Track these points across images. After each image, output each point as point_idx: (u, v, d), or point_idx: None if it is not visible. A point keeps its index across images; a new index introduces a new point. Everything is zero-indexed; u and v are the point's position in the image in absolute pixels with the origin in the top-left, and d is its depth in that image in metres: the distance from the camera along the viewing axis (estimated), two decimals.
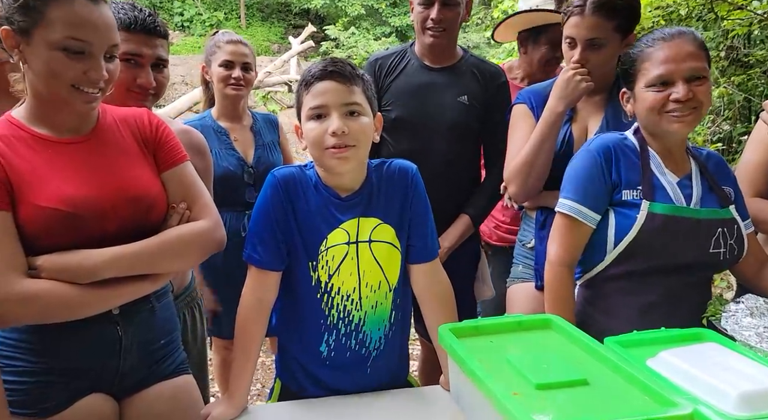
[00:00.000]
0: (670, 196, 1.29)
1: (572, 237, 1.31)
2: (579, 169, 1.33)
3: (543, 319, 1.20)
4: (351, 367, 1.24)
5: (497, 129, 1.83)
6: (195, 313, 1.52)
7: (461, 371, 1.06)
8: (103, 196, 1.05)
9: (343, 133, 1.12)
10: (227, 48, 1.99)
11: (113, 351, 1.10)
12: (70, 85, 1.01)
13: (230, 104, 2.05)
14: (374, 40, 12.62)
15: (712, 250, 1.27)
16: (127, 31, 1.28)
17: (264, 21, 14.59)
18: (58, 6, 0.98)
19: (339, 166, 1.16)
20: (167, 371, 1.19)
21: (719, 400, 0.90)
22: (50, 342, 1.06)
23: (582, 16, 1.47)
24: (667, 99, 1.25)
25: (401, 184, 1.24)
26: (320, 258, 1.19)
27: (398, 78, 1.86)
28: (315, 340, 1.22)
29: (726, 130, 3.82)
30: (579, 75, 1.49)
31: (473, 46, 10.04)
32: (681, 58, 1.24)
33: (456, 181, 1.87)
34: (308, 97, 1.16)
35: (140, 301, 1.11)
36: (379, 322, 1.24)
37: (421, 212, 1.26)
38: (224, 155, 1.98)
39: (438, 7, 1.76)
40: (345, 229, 1.19)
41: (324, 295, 1.20)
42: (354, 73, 1.17)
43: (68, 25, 0.98)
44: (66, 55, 0.99)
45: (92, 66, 1.01)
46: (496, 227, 2.26)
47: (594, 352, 1.05)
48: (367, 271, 1.20)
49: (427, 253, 1.27)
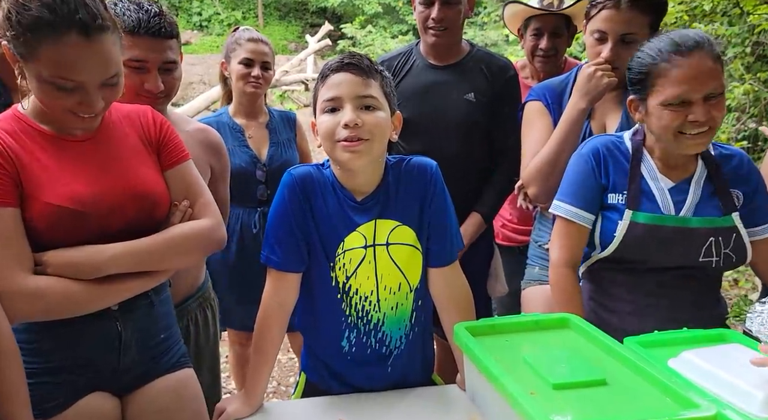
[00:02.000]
0: (657, 203, 1.27)
1: (571, 238, 1.32)
2: (571, 172, 1.35)
3: (560, 318, 1.19)
4: (372, 364, 1.23)
5: (506, 124, 1.83)
6: (207, 313, 1.52)
7: (478, 370, 1.05)
8: (110, 194, 1.05)
9: (356, 125, 1.09)
10: (248, 46, 1.99)
11: (113, 347, 1.10)
12: (66, 110, 1.00)
13: (247, 101, 2.05)
14: (391, 38, 12.60)
15: (702, 259, 1.24)
16: (131, 36, 1.23)
17: (281, 20, 14.66)
18: (48, 46, 0.93)
19: (351, 160, 1.11)
20: (167, 365, 1.19)
21: (744, 402, 0.88)
22: (51, 341, 1.06)
23: (617, 9, 1.42)
24: (684, 119, 1.21)
25: (420, 183, 1.20)
26: (337, 260, 1.17)
27: (405, 79, 1.85)
28: (336, 336, 1.21)
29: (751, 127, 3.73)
30: (601, 70, 1.45)
31: (491, 43, 9.97)
32: (701, 79, 1.19)
33: (466, 178, 1.86)
34: (323, 89, 1.14)
35: (139, 297, 1.11)
36: (400, 323, 1.22)
37: (441, 213, 1.21)
38: (237, 152, 1.98)
39: (438, 6, 1.74)
40: (362, 233, 1.17)
41: (343, 296, 1.19)
42: (372, 67, 1.14)
43: (57, 66, 0.94)
44: (56, 88, 0.97)
45: (84, 99, 0.99)
46: (503, 226, 2.25)
47: (613, 352, 1.03)
48: (386, 275, 1.18)
49: (445, 257, 1.23)
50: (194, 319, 1.47)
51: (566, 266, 1.32)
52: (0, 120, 1.04)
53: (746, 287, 3.46)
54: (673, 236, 1.24)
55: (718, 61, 1.22)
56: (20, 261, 0.98)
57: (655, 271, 1.27)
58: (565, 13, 2.07)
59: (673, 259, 1.25)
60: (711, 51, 1.22)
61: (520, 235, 2.24)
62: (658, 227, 1.24)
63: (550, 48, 2.08)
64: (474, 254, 1.87)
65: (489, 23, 10.20)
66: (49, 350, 1.06)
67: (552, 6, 2.07)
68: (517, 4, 2.13)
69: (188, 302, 1.44)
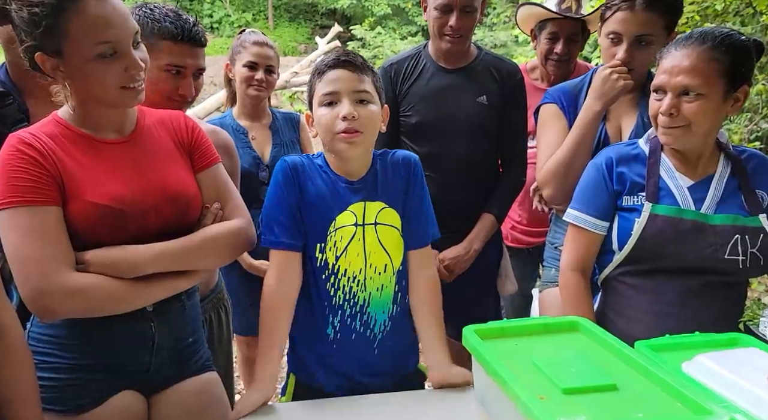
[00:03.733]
0: (676, 199, 1.26)
1: (580, 244, 1.34)
2: (584, 180, 1.37)
3: (570, 321, 1.17)
4: (358, 349, 1.26)
5: (514, 126, 1.85)
6: (221, 314, 1.54)
7: (486, 373, 1.04)
8: (147, 194, 1.08)
9: (353, 118, 1.18)
10: (252, 49, 2.00)
11: (146, 348, 1.12)
12: (120, 88, 1.03)
13: (251, 104, 2.06)
14: (400, 39, 12.60)
15: (728, 257, 1.23)
16: (173, 42, 1.29)
17: (291, 21, 14.71)
18: (73, 16, 0.97)
19: (348, 150, 1.21)
20: (194, 368, 1.21)
21: (758, 408, 0.87)
22: (85, 339, 1.08)
23: (632, 11, 1.42)
24: (658, 109, 1.23)
25: (405, 171, 1.30)
26: (329, 239, 1.22)
27: (416, 82, 1.85)
28: (321, 322, 1.25)
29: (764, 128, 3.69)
30: (617, 73, 1.44)
31: (500, 44, 9.93)
32: (677, 71, 1.20)
33: (477, 180, 1.87)
34: (321, 84, 1.22)
35: (173, 299, 1.14)
36: (384, 305, 1.26)
37: (419, 200, 1.31)
38: (241, 154, 1.99)
39: (457, 14, 1.74)
40: (352, 211, 1.23)
41: (331, 277, 1.23)
42: (365, 64, 1.24)
43: (91, 33, 0.99)
44: (102, 62, 1.00)
45: (129, 63, 1.03)
46: (513, 228, 2.25)
47: (624, 356, 1.02)
48: (372, 253, 1.24)
49: (421, 239, 1.31)
50: (208, 321, 1.49)
51: (575, 270, 1.33)
52: (41, 125, 1.07)
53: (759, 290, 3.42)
54: (693, 231, 1.23)
55: (716, 62, 1.19)
56: (63, 258, 1.00)
57: (677, 274, 1.25)
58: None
59: (693, 256, 1.23)
60: (709, 49, 1.19)
61: (530, 236, 2.24)
62: (677, 220, 1.24)
63: (564, 53, 2.07)
64: (483, 255, 1.88)
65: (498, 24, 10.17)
66: (85, 348, 1.08)
67: (570, 11, 2.06)
68: (533, 6, 2.11)
69: (203, 303, 1.46)
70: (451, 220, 1.82)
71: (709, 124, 1.24)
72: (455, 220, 1.84)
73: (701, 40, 1.21)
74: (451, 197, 1.83)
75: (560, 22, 2.06)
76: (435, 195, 1.45)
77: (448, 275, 1.83)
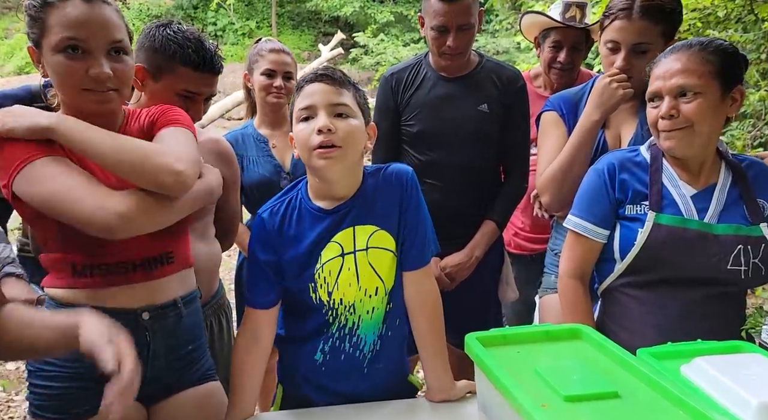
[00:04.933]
0: (679, 208, 1.25)
1: (579, 251, 1.33)
2: (585, 186, 1.35)
3: (572, 328, 1.17)
4: (348, 370, 1.24)
5: (516, 133, 1.86)
6: (222, 320, 1.54)
7: (488, 381, 1.04)
8: None
9: (329, 130, 1.11)
10: (270, 57, 2.00)
11: (141, 356, 1.11)
12: (81, 89, 1.04)
13: (271, 111, 2.07)
14: (403, 46, 12.64)
15: (731, 267, 1.22)
16: (192, 70, 1.32)
17: (294, 29, 14.78)
18: (54, 11, 1.03)
19: (325, 168, 1.13)
20: (194, 378, 1.20)
21: (741, 409, 0.87)
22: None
23: (629, 19, 1.42)
24: (657, 114, 1.22)
25: (398, 188, 1.22)
26: (317, 278, 1.18)
27: (417, 91, 1.86)
28: (310, 349, 1.23)
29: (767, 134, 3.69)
30: (616, 82, 1.45)
31: (503, 50, 9.96)
32: (670, 74, 1.21)
33: (479, 187, 1.88)
34: (298, 99, 1.17)
35: (169, 307, 1.13)
36: (374, 326, 1.23)
37: (415, 218, 1.23)
38: (261, 162, 2.00)
39: (454, 34, 1.74)
40: (337, 242, 1.18)
41: (329, 311, 1.20)
42: (344, 78, 1.18)
43: (63, 26, 1.03)
44: (66, 56, 1.02)
45: (92, 64, 1.03)
46: (515, 235, 2.25)
47: (626, 364, 1.02)
48: (363, 278, 1.20)
49: (418, 261, 1.24)
50: (209, 327, 1.49)
51: (573, 277, 1.33)
52: None
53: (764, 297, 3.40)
54: (697, 241, 1.22)
55: (704, 63, 1.20)
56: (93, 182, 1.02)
57: (679, 286, 1.24)
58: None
59: (697, 267, 1.22)
60: (700, 51, 1.20)
61: (532, 243, 2.23)
62: (682, 230, 1.22)
63: (568, 62, 2.08)
64: (484, 262, 1.88)
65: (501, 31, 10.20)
66: (80, 356, 1.07)
67: (574, 20, 2.07)
68: (537, 14, 2.12)
69: (203, 309, 1.45)
70: (452, 227, 1.82)
71: (710, 125, 1.23)
72: (457, 227, 1.84)
73: (688, 46, 1.23)
74: (452, 204, 1.83)
75: (564, 31, 2.07)
76: (437, 202, 1.46)
77: (450, 282, 1.83)
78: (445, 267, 1.84)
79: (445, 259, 1.85)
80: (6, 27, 12.77)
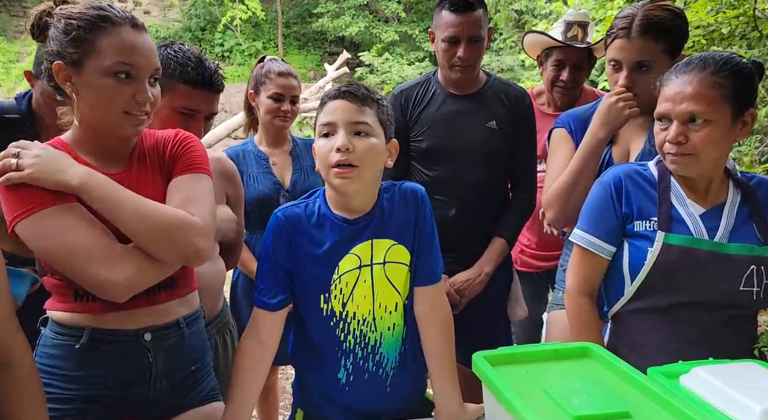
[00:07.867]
0: (689, 228, 1.22)
1: (586, 267, 1.31)
2: (591, 200, 1.33)
3: (581, 347, 1.16)
4: (371, 389, 1.23)
5: (524, 150, 1.87)
6: (227, 339, 1.53)
7: (496, 401, 1.03)
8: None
9: (347, 149, 1.12)
10: (278, 81, 2.00)
11: (144, 378, 1.11)
12: (123, 112, 1.06)
13: (274, 132, 2.08)
14: (408, 64, 12.77)
15: (743, 288, 1.19)
16: (191, 87, 1.33)
17: (300, 49, 14.98)
18: (107, 35, 1.04)
19: (343, 185, 1.14)
20: (197, 398, 1.19)
21: (745, 417, 0.86)
22: (83, 369, 1.07)
23: (628, 38, 1.42)
24: (665, 138, 1.21)
25: (413, 204, 1.24)
26: (332, 288, 1.18)
27: (426, 108, 1.87)
28: (333, 367, 1.21)
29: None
30: (622, 101, 1.45)
31: (507, 68, 10.03)
32: (681, 98, 1.18)
33: (487, 204, 1.88)
34: (321, 115, 1.18)
35: (171, 327, 1.13)
36: (395, 343, 1.23)
37: (428, 235, 1.25)
38: (261, 179, 2.01)
39: (464, 45, 1.77)
40: (356, 254, 1.19)
41: (339, 323, 1.19)
42: (367, 95, 1.18)
43: (117, 51, 1.04)
44: (116, 80, 1.04)
45: (139, 89, 1.06)
46: (521, 252, 2.24)
47: (636, 383, 1.00)
48: (380, 293, 1.20)
49: (433, 276, 1.26)
50: (214, 346, 1.48)
51: (581, 294, 1.30)
52: (49, 145, 1.09)
53: None
54: (709, 261, 1.19)
55: (715, 87, 1.17)
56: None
57: (694, 309, 1.21)
58: None
59: (710, 289, 1.19)
60: (713, 73, 1.17)
61: (539, 260, 2.22)
62: (693, 250, 1.19)
63: (570, 80, 2.09)
64: (493, 279, 1.87)
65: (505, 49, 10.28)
66: (82, 378, 1.08)
67: (576, 39, 2.08)
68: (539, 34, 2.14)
69: (207, 328, 1.45)
70: (461, 243, 1.82)
71: (718, 152, 1.21)
72: (466, 243, 1.84)
73: (702, 66, 1.19)
74: (461, 221, 1.83)
75: (566, 50, 2.08)
76: (445, 218, 1.45)
77: (459, 299, 1.82)
78: (454, 283, 1.83)
79: (455, 276, 1.84)
80: (18, 51, 13.00)
